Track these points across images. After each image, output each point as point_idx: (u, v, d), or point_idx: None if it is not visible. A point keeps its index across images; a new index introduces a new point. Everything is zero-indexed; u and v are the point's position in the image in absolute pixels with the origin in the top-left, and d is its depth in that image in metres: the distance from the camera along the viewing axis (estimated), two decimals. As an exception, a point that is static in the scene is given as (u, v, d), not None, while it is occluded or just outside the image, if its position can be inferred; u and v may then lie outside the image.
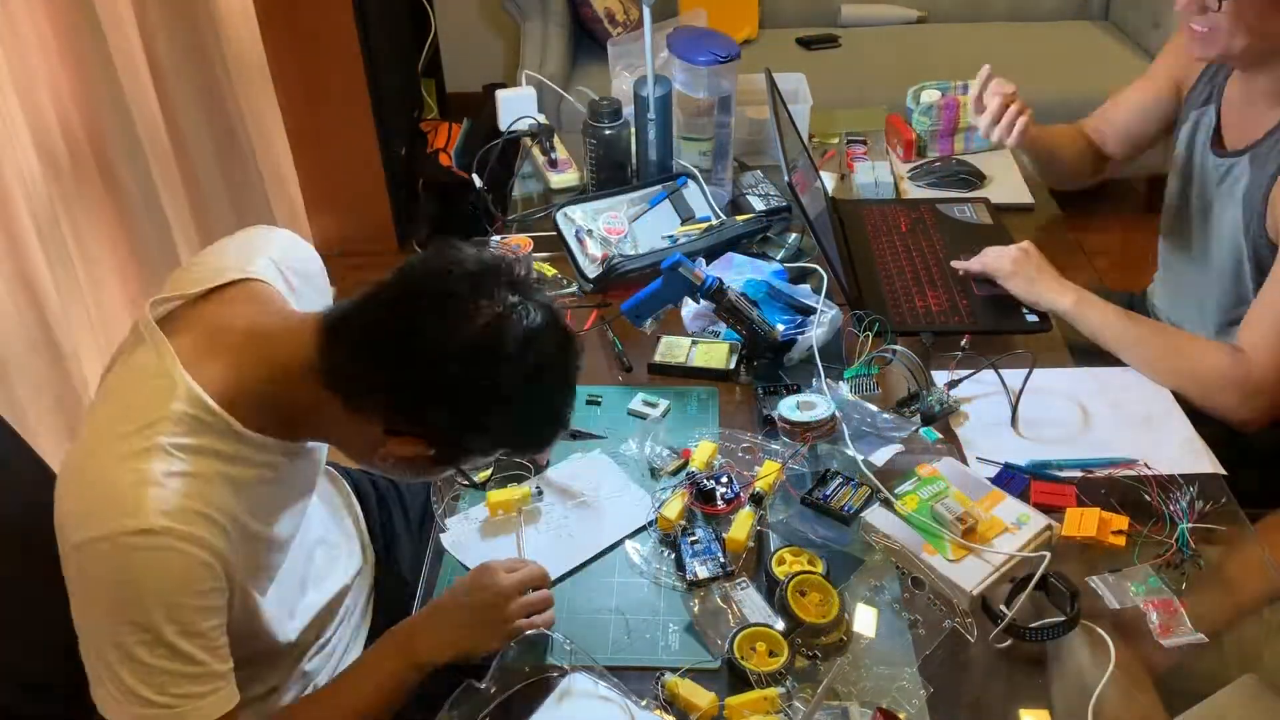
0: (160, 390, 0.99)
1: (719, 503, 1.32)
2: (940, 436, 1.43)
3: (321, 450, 1.24)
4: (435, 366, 0.97)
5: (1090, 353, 1.55)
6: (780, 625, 1.16)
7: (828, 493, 1.33)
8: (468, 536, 1.33)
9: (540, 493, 1.37)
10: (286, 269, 1.16)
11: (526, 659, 1.17)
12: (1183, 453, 1.39)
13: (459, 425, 1.01)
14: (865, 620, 1.20)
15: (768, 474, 1.35)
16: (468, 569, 1.26)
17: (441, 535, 1.34)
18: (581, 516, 1.35)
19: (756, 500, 1.33)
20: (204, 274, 1.08)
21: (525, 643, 1.18)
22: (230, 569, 1.01)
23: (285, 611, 1.19)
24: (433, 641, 1.15)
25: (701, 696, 1.09)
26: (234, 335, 1.03)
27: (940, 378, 1.51)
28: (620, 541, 1.32)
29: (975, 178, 2.00)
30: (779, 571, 1.22)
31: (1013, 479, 1.35)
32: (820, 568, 1.23)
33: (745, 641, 1.15)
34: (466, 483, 1.11)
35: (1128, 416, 1.45)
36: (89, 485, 0.97)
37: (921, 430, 1.44)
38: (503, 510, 1.35)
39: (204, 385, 1.00)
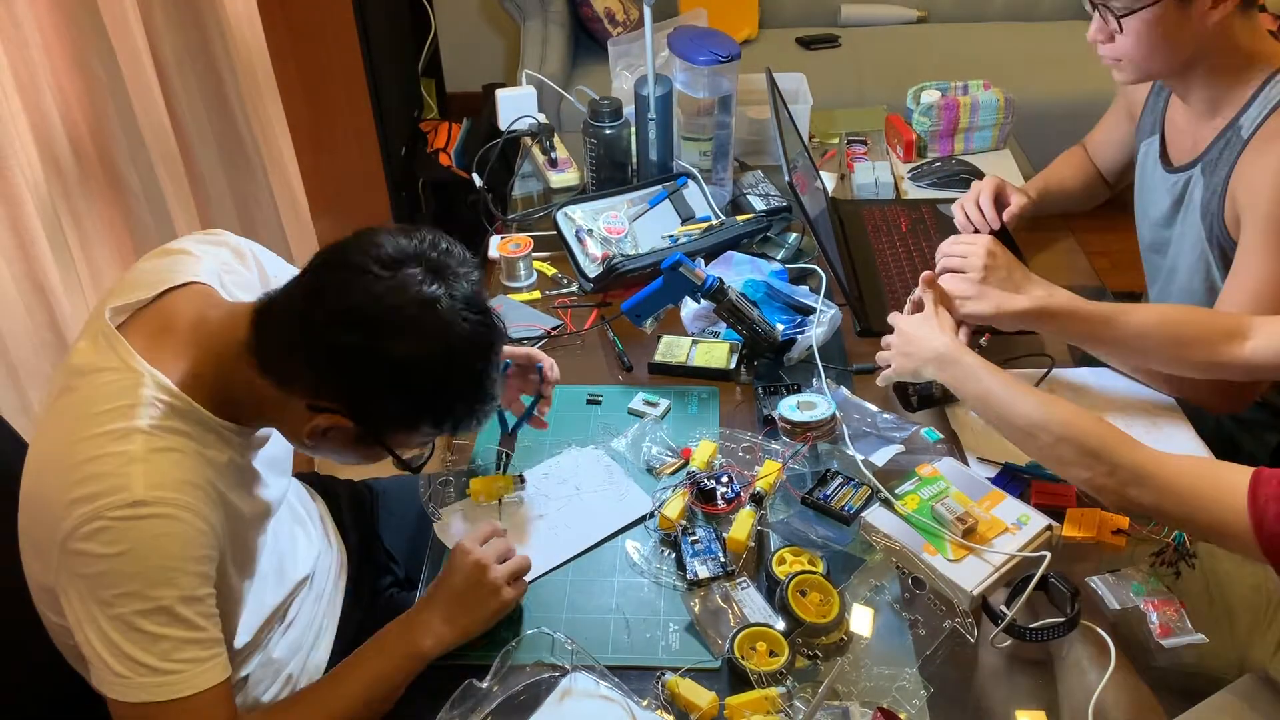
0: (126, 381, 1.02)
1: (719, 502, 1.32)
2: (941, 436, 1.43)
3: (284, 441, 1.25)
4: (331, 331, 0.99)
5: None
6: (780, 625, 1.16)
7: (828, 493, 1.33)
8: (458, 526, 1.35)
9: (523, 480, 1.38)
10: (250, 256, 1.21)
11: (527, 657, 1.17)
12: (1184, 454, 1.39)
13: (365, 393, 1.02)
14: (865, 620, 1.20)
15: (768, 474, 1.35)
16: None
17: (435, 524, 1.35)
18: (572, 510, 1.36)
19: (757, 500, 1.33)
20: (150, 279, 1.10)
21: (526, 641, 1.19)
22: (220, 539, 1.04)
23: (259, 592, 1.21)
24: (431, 628, 1.16)
25: (701, 696, 1.09)
26: (181, 330, 1.07)
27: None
28: (612, 536, 1.32)
29: (976, 177, 2.00)
30: (779, 571, 1.22)
31: (1013, 479, 1.35)
32: (820, 568, 1.23)
33: (745, 641, 1.15)
34: (401, 466, 1.13)
35: (1129, 417, 1.45)
36: (73, 472, 0.98)
37: (922, 430, 1.44)
38: (484, 497, 1.36)
39: (163, 372, 1.03)
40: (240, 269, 1.20)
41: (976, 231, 1.75)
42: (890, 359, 1.40)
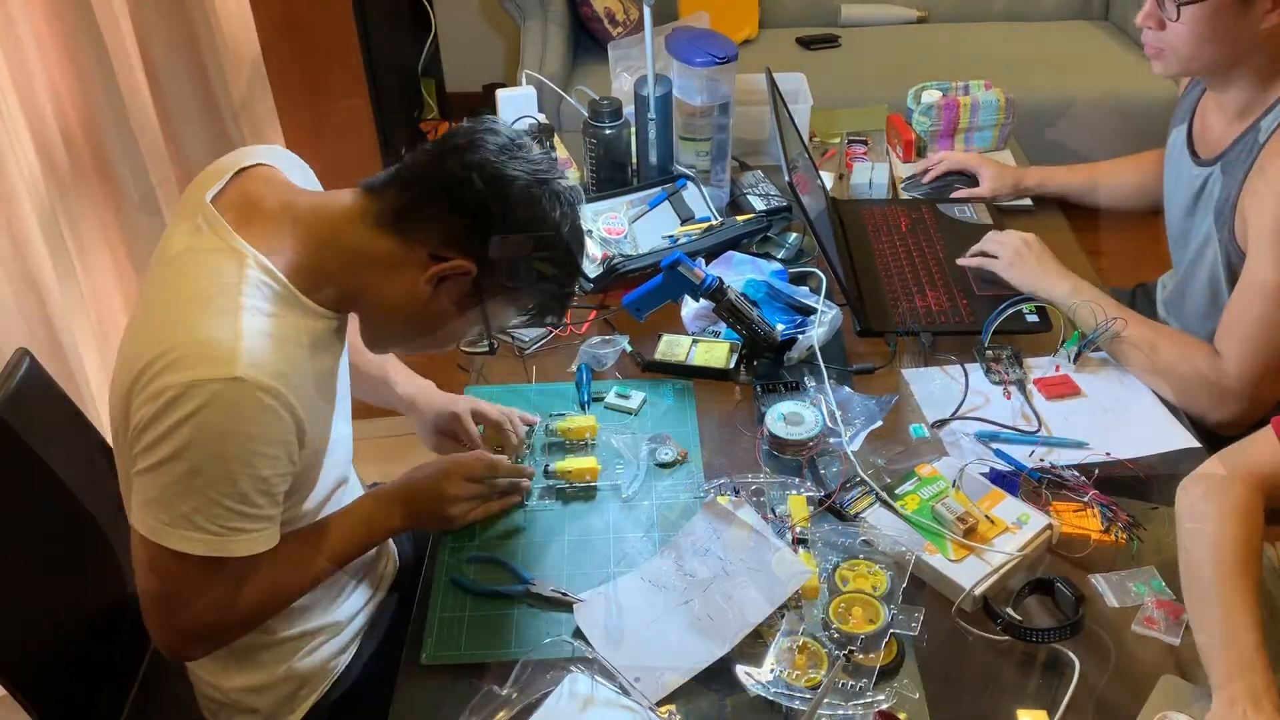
0: (230, 260, 1.06)
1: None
2: (928, 435, 1.44)
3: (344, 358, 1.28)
4: (494, 191, 1.08)
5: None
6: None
7: (846, 499, 1.32)
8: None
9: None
10: (282, 161, 1.23)
11: (545, 653, 1.17)
12: (1157, 430, 1.42)
13: (505, 246, 1.10)
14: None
15: (799, 512, 1.30)
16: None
17: None
18: (720, 590, 1.22)
19: (802, 542, 1.27)
20: (220, 167, 1.15)
21: (545, 649, 1.18)
22: (304, 426, 1.07)
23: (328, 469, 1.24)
24: (393, 510, 1.27)
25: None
26: (270, 212, 1.11)
27: (935, 374, 1.52)
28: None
29: (969, 185, 1.99)
30: (842, 586, 1.20)
31: (1013, 479, 1.35)
32: (884, 581, 1.20)
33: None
34: (486, 342, 1.23)
35: (1126, 417, 1.45)
36: (180, 336, 1.01)
37: (911, 428, 1.45)
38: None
39: (264, 253, 1.07)
40: (289, 158, 1.24)
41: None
42: (1005, 256, 1.64)
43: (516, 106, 2.11)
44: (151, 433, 1.01)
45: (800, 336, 1.54)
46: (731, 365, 1.55)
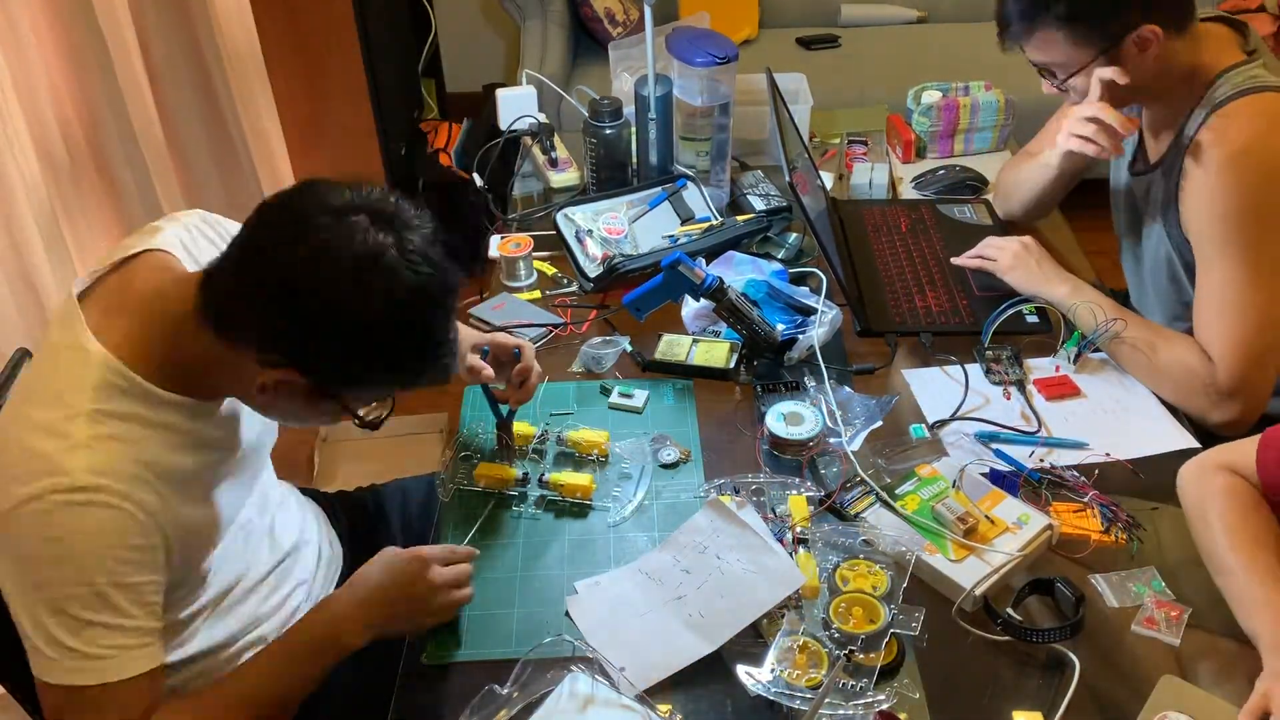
0: (75, 361, 1.02)
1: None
2: (928, 435, 1.44)
3: (247, 423, 1.21)
4: (273, 282, 0.97)
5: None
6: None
7: (847, 499, 1.32)
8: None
9: (525, 478, 1.37)
10: (204, 226, 1.18)
11: (545, 653, 1.17)
12: (1157, 430, 1.43)
13: (310, 346, 0.99)
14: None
15: (799, 512, 1.30)
16: None
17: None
18: (715, 586, 1.22)
19: (803, 542, 1.27)
20: (113, 253, 1.11)
21: (545, 648, 1.17)
22: (165, 530, 1.03)
23: (232, 557, 1.21)
24: (358, 628, 1.15)
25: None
26: (136, 302, 1.06)
27: (935, 374, 1.51)
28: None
29: (980, 183, 1.99)
30: (843, 586, 1.20)
31: (1013, 480, 1.35)
32: (884, 581, 1.20)
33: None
34: (359, 423, 1.10)
35: (1097, 402, 1.47)
36: (16, 451, 0.99)
37: (911, 428, 1.45)
38: (485, 483, 1.37)
39: (113, 350, 1.02)
40: (211, 234, 1.18)
41: None
42: (1004, 261, 1.64)
43: (516, 106, 2.11)
44: (7, 564, 0.99)
45: (800, 336, 1.54)
46: (731, 365, 1.55)
